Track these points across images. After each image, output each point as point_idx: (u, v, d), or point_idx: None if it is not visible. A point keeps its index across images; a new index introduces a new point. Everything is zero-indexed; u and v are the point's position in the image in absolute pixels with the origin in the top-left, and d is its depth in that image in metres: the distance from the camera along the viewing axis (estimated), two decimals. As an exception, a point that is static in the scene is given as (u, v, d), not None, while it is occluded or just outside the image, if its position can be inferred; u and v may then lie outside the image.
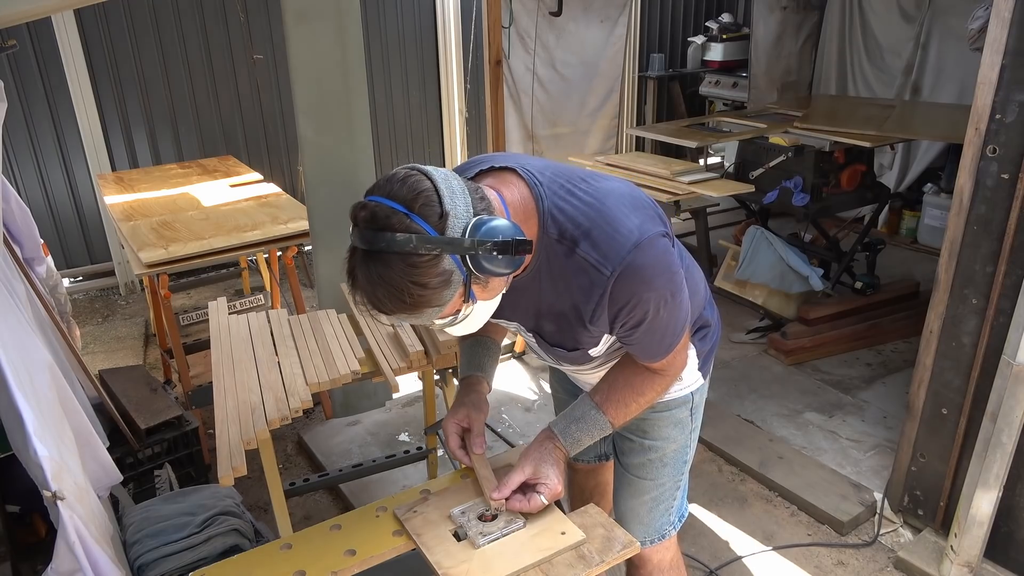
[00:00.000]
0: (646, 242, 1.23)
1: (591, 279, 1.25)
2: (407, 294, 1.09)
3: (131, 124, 4.80)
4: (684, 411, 1.64)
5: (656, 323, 1.31)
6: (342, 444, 3.20)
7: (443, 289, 1.12)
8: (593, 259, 1.23)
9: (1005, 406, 2.09)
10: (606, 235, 1.23)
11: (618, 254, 1.22)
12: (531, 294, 1.36)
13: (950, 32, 4.74)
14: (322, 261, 3.07)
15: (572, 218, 1.25)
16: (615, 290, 1.24)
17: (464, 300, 1.18)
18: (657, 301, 1.27)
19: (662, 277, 1.27)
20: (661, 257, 1.26)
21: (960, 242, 2.24)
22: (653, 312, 1.28)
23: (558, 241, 1.26)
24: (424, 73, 5.71)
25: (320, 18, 2.73)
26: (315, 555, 1.37)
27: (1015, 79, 2.03)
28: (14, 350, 1.68)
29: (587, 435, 1.45)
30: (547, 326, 1.41)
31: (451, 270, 1.11)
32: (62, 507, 1.54)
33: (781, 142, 3.87)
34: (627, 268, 1.22)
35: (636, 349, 1.40)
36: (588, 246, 1.24)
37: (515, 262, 1.16)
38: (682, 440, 1.66)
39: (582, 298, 1.28)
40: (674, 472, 1.68)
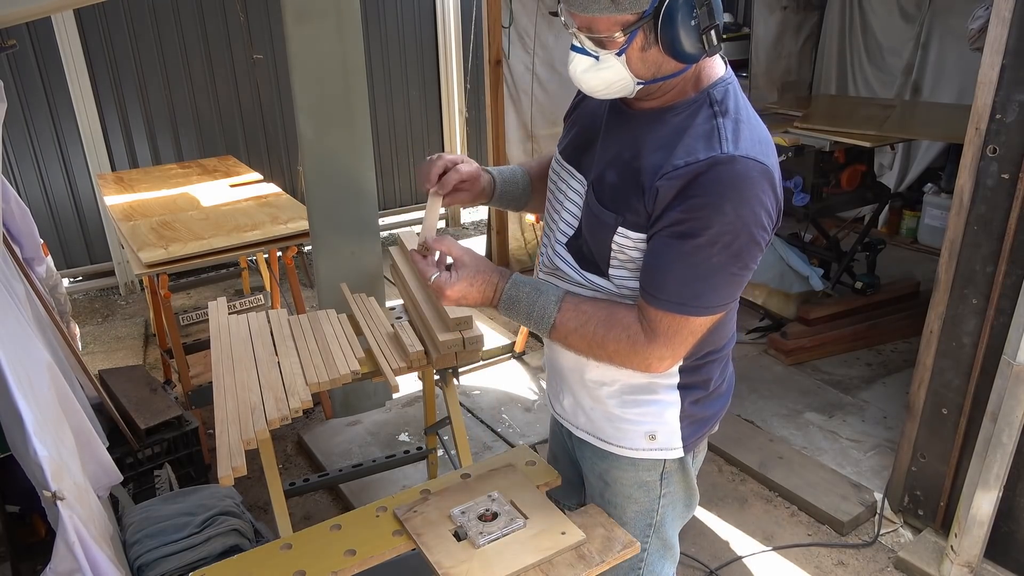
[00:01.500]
0: (769, 172, 1.16)
1: (706, 145, 1.15)
2: None
3: (131, 124, 4.80)
4: (652, 475, 1.45)
5: (702, 253, 1.15)
6: (342, 444, 3.20)
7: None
8: (724, 133, 1.15)
9: (1005, 406, 2.09)
10: (751, 136, 1.17)
11: (746, 149, 1.14)
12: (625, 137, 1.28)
13: (950, 32, 4.74)
14: (322, 261, 3.07)
15: (739, 107, 1.21)
16: (710, 173, 1.13)
17: (624, 32, 1.12)
18: (726, 229, 1.13)
19: (750, 214, 1.14)
20: (764, 196, 1.15)
21: (960, 242, 2.24)
22: (711, 236, 1.13)
23: (711, 104, 1.20)
24: (424, 73, 5.71)
25: (320, 18, 2.73)
26: (315, 555, 1.37)
27: (1015, 79, 2.03)
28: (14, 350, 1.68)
29: (526, 308, 1.29)
30: (610, 175, 1.28)
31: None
32: (62, 507, 1.53)
33: (781, 142, 3.86)
34: (739, 164, 1.13)
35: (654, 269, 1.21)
36: (731, 124, 1.17)
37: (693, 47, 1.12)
38: (646, 503, 1.47)
39: (681, 154, 1.16)
40: (635, 531, 1.48)
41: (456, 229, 6.17)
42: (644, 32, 1.12)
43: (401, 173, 5.89)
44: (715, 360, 1.40)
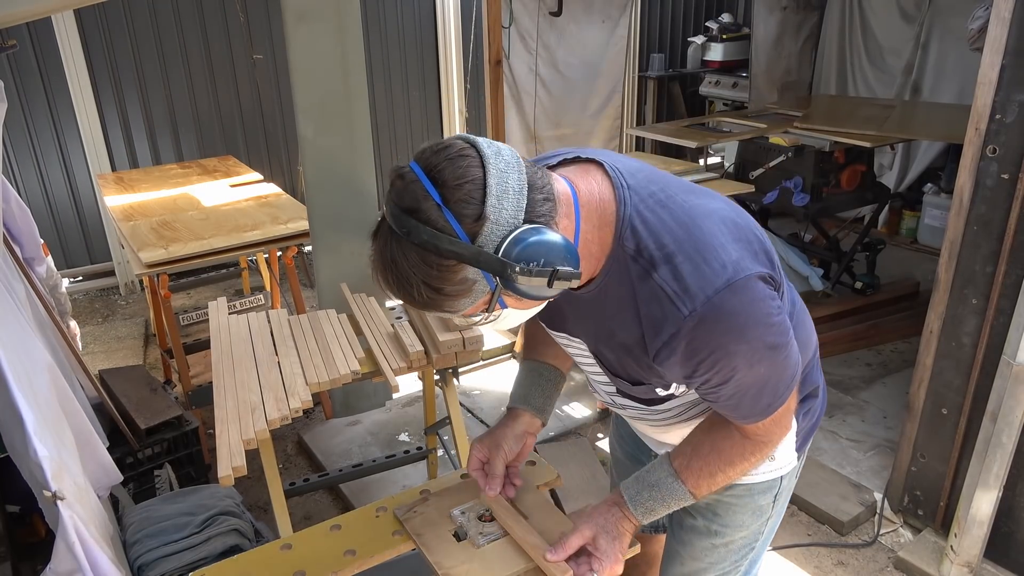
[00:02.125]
0: (740, 282, 1.01)
1: (663, 313, 1.03)
2: (416, 291, 0.96)
3: (131, 124, 4.80)
4: (767, 497, 1.39)
5: (748, 380, 1.07)
6: (342, 444, 3.20)
7: (460, 297, 0.97)
8: (671, 290, 1.01)
9: (1005, 406, 2.09)
10: (693, 264, 1.01)
11: (702, 291, 1.00)
12: (594, 311, 1.15)
13: (950, 32, 4.74)
14: (322, 261, 3.07)
15: (656, 234, 1.04)
16: (694, 337, 1.02)
17: (488, 309, 1.01)
18: (749, 356, 1.04)
19: (757, 328, 1.03)
20: (758, 303, 1.03)
21: (960, 242, 2.24)
22: (744, 368, 1.05)
23: (633, 258, 1.05)
24: (424, 73, 5.71)
25: (320, 18, 2.73)
26: (315, 555, 1.37)
27: (1015, 79, 2.03)
28: (14, 351, 1.68)
29: (662, 505, 1.22)
30: (608, 354, 1.20)
31: (474, 279, 0.96)
32: (62, 507, 1.54)
33: (781, 142, 3.87)
34: (711, 311, 1.00)
35: (724, 409, 1.16)
36: (668, 273, 1.02)
37: (556, 289, 0.99)
38: (755, 528, 1.42)
39: (650, 332, 1.06)
40: (736, 557, 1.45)
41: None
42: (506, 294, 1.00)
43: (401, 173, 5.88)
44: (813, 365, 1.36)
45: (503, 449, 1.36)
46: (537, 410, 1.40)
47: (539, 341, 1.45)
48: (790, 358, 1.11)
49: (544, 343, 1.44)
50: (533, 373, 1.44)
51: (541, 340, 1.44)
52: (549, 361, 1.44)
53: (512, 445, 1.37)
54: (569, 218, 1.03)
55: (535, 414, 1.40)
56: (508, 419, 1.40)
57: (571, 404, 3.44)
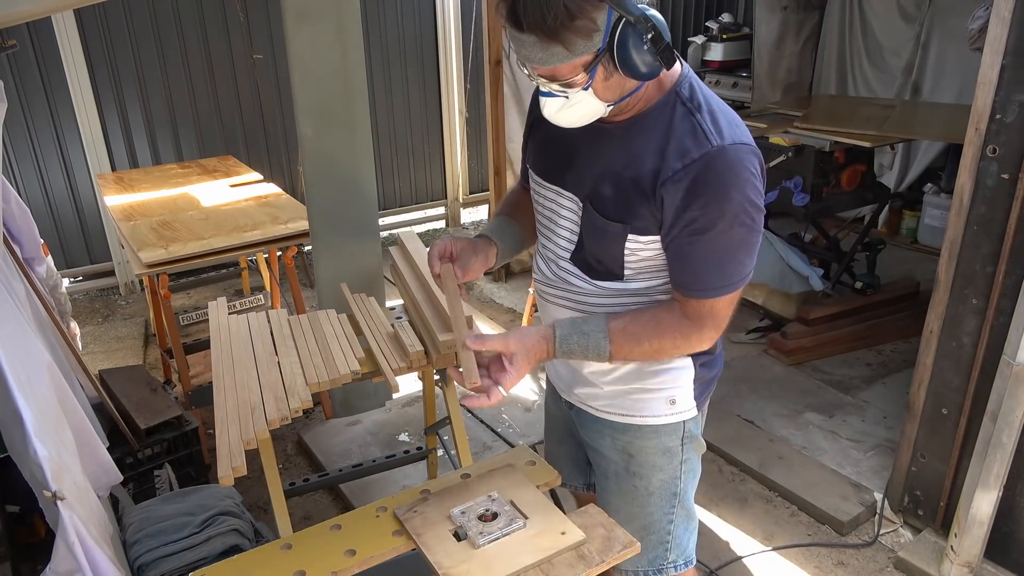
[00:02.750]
0: (757, 152, 1.25)
1: (695, 143, 1.23)
2: (553, 14, 1.09)
3: (131, 124, 4.80)
4: (674, 439, 1.53)
5: (722, 240, 1.25)
6: (342, 444, 3.20)
7: (583, 36, 1.12)
8: (707, 127, 1.23)
9: (1005, 406, 2.09)
10: (729, 122, 1.25)
11: (731, 137, 1.22)
12: (617, 143, 1.32)
13: (950, 32, 4.74)
14: (322, 261, 3.07)
15: (708, 97, 1.28)
16: (707, 169, 1.21)
17: (585, 70, 1.16)
18: (736, 211, 1.23)
19: (751, 188, 1.23)
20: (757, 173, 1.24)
21: (960, 242, 2.24)
22: (727, 222, 1.23)
23: (683, 102, 1.27)
24: (424, 73, 5.71)
25: (320, 18, 2.73)
26: (315, 555, 1.37)
27: (1015, 79, 2.03)
28: (13, 350, 1.68)
29: (582, 352, 1.36)
30: (607, 190, 1.34)
31: (600, 27, 1.13)
32: (62, 507, 1.53)
33: (781, 142, 3.87)
34: (730, 152, 1.21)
35: (684, 266, 1.31)
36: (708, 118, 1.25)
37: (652, 66, 1.17)
38: (670, 471, 1.55)
39: (673, 158, 1.24)
40: (662, 503, 1.57)
41: (456, 229, 6.17)
42: (603, 65, 1.18)
43: (401, 173, 5.89)
44: None
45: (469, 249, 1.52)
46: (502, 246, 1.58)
47: (515, 207, 1.66)
48: (755, 247, 1.29)
49: (522, 210, 1.63)
50: (508, 225, 1.63)
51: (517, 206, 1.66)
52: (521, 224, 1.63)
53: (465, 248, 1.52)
54: None
55: (499, 249, 1.58)
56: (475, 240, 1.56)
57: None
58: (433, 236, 6.00)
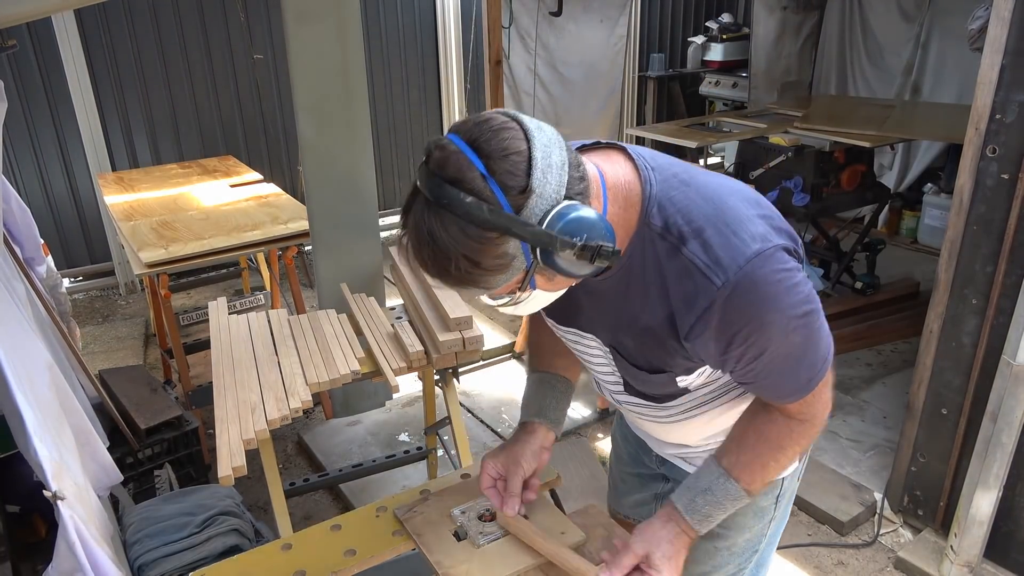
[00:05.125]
0: (769, 252, 1.01)
1: (696, 287, 1.02)
2: (455, 266, 0.92)
3: (131, 124, 4.81)
4: (768, 499, 1.37)
5: (785, 351, 1.06)
6: (342, 444, 3.20)
7: (497, 273, 0.94)
8: (702, 263, 1.01)
9: (1005, 406, 2.09)
10: (723, 237, 1.01)
11: (735, 261, 0.99)
12: (614, 297, 1.14)
13: (950, 32, 4.74)
14: (322, 261, 3.07)
15: (684, 211, 1.04)
16: (728, 308, 1.01)
17: (521, 288, 1.00)
18: (784, 325, 1.03)
19: (788, 296, 1.02)
20: (787, 273, 1.03)
21: (960, 242, 2.24)
22: (779, 339, 1.04)
23: (661, 236, 1.04)
24: (424, 73, 5.71)
25: (320, 18, 2.73)
26: (315, 555, 1.37)
27: (1015, 79, 2.03)
28: (14, 351, 1.68)
29: (719, 509, 1.18)
30: (628, 341, 1.17)
31: (514, 255, 0.93)
32: (62, 507, 1.54)
33: (781, 142, 3.87)
34: (744, 280, 0.99)
35: (763, 388, 1.14)
36: (698, 247, 1.02)
37: (594, 269, 0.98)
38: (757, 530, 1.40)
39: (682, 308, 1.05)
40: (740, 559, 1.43)
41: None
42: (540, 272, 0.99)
43: (401, 173, 5.88)
44: None
45: (522, 466, 1.31)
46: (552, 423, 1.37)
47: (546, 351, 1.43)
48: (823, 328, 1.09)
49: (552, 352, 1.41)
50: (545, 385, 1.40)
51: (548, 349, 1.42)
52: (560, 372, 1.41)
53: (530, 461, 1.33)
54: (598, 199, 1.02)
55: (550, 427, 1.37)
56: (523, 434, 1.36)
57: (572, 404, 3.44)
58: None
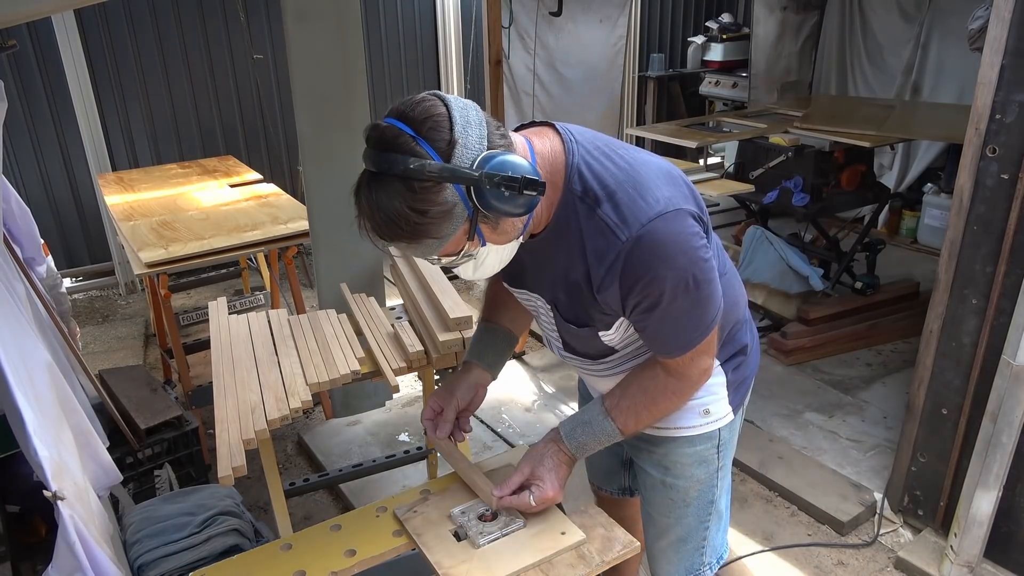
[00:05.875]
0: (671, 214, 1.16)
1: (607, 243, 1.18)
2: (404, 220, 1.06)
3: (131, 124, 4.81)
4: (710, 448, 1.52)
5: (672, 309, 1.21)
6: (342, 444, 3.20)
7: (443, 221, 1.07)
8: (612, 221, 1.17)
9: (1005, 406, 2.09)
10: (630, 199, 1.17)
11: (638, 220, 1.15)
12: (549, 257, 1.30)
13: (950, 32, 4.75)
14: (322, 261, 3.07)
15: (599, 177, 1.20)
16: (629, 260, 1.16)
17: (469, 238, 1.13)
18: (675, 282, 1.18)
19: (684, 256, 1.17)
20: (686, 235, 1.17)
21: (960, 242, 2.24)
22: (670, 295, 1.19)
23: (580, 199, 1.20)
24: (424, 73, 5.71)
25: (320, 18, 2.73)
26: (315, 555, 1.37)
27: (1015, 79, 2.03)
28: (14, 350, 1.68)
29: (594, 440, 1.38)
30: (562, 296, 1.34)
31: (454, 202, 1.07)
32: (62, 507, 1.53)
33: (781, 142, 3.87)
34: (645, 237, 1.15)
35: (649, 339, 1.31)
36: (610, 207, 1.17)
37: (526, 203, 1.10)
38: (706, 479, 1.54)
39: (595, 263, 1.21)
40: (699, 511, 1.57)
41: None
42: (483, 222, 1.12)
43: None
44: (741, 325, 1.52)
45: (455, 397, 1.52)
46: (488, 366, 1.57)
47: (498, 305, 1.61)
48: (712, 298, 1.24)
49: (502, 307, 1.60)
50: (489, 333, 1.60)
51: (500, 304, 1.61)
52: (504, 324, 1.60)
53: (464, 394, 1.53)
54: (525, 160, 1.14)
55: (486, 369, 1.56)
56: (462, 372, 1.56)
57: (569, 404, 3.44)
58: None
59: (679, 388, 1.35)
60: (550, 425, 2.89)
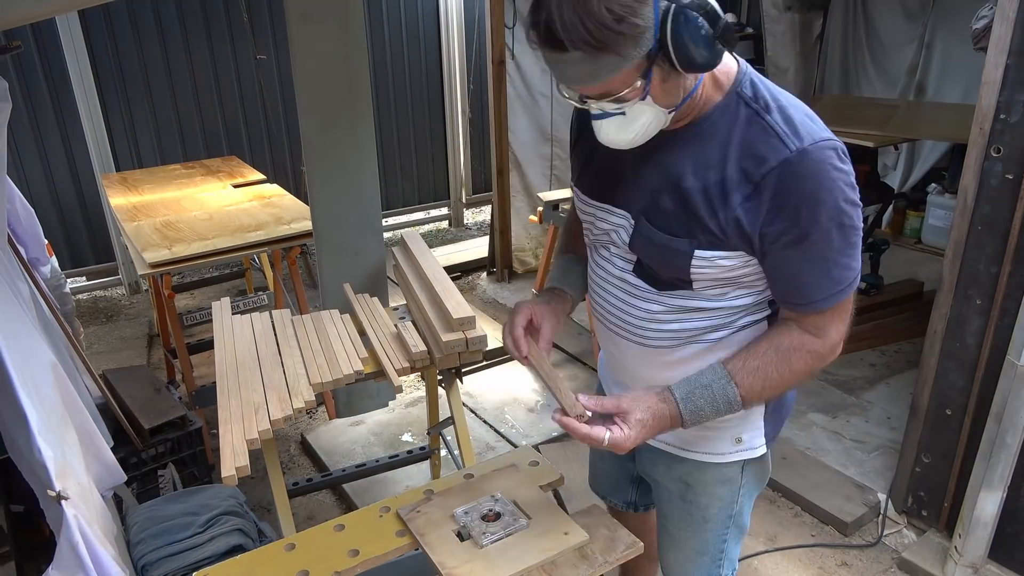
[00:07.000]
0: (841, 147, 1.12)
1: (769, 148, 1.11)
2: (596, 20, 0.97)
3: (135, 125, 4.82)
4: (735, 469, 1.46)
5: (823, 245, 1.13)
6: (345, 444, 3.20)
7: (631, 39, 1.00)
8: (781, 129, 1.11)
9: (1010, 407, 2.09)
10: (803, 117, 1.13)
11: (811, 135, 1.10)
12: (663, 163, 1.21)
13: (954, 32, 4.73)
14: (326, 261, 3.07)
15: (772, 92, 1.16)
16: (790, 172, 1.09)
17: (642, 76, 1.05)
18: (832, 215, 1.11)
19: (846, 191, 1.11)
20: (848, 174, 1.12)
21: (964, 242, 2.24)
22: (824, 227, 1.11)
23: (748, 104, 1.15)
24: (427, 73, 5.71)
25: (323, 19, 2.74)
26: (318, 555, 1.37)
27: (1019, 79, 2.03)
28: (18, 351, 1.69)
29: (710, 405, 1.23)
30: (664, 204, 1.21)
31: (650, 26, 1.00)
32: (66, 507, 1.54)
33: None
34: (814, 153, 1.09)
35: (787, 281, 1.20)
36: (780, 117, 1.12)
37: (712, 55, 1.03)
38: (728, 498, 1.48)
39: (746, 170, 1.12)
40: (718, 527, 1.51)
41: (459, 230, 6.17)
42: (659, 66, 1.05)
43: (405, 174, 5.89)
44: None
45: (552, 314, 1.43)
46: (573, 290, 1.51)
47: (577, 234, 1.54)
48: (856, 248, 1.17)
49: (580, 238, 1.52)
50: (571, 263, 1.55)
51: (578, 234, 1.52)
52: (583, 254, 1.53)
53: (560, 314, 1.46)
54: None
55: (571, 293, 1.51)
56: (547, 295, 1.48)
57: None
58: (436, 236, 6.01)
59: (816, 348, 1.23)
60: (553, 426, 2.90)
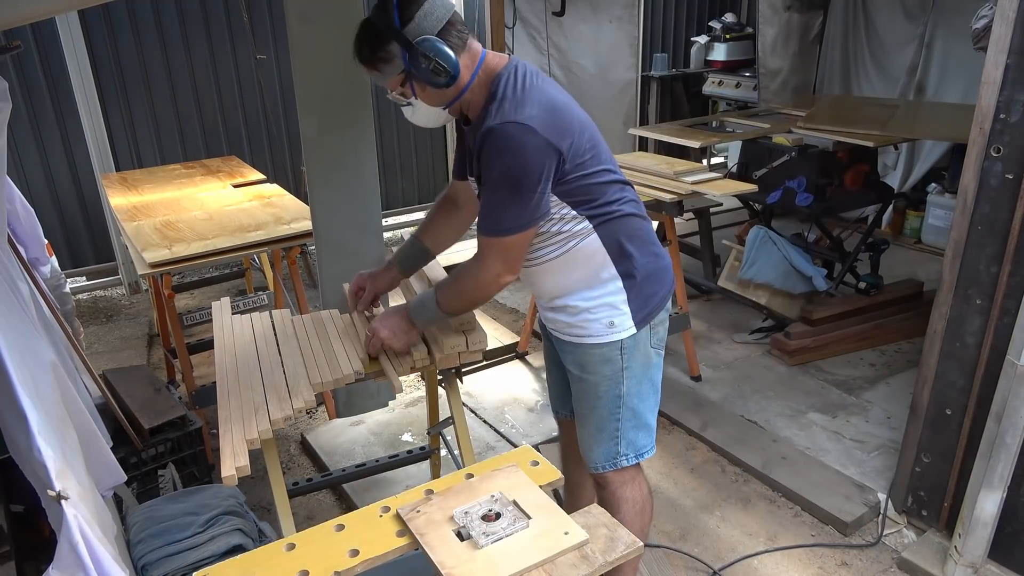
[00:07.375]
0: (520, 126, 1.54)
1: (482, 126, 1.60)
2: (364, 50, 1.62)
3: (135, 124, 4.82)
4: (614, 350, 1.83)
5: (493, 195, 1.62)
6: (345, 444, 3.20)
7: (386, 63, 1.61)
8: (492, 112, 1.59)
9: (1009, 406, 2.09)
10: (509, 106, 1.58)
11: (501, 117, 1.56)
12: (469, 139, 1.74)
13: (954, 31, 4.74)
14: (326, 261, 3.07)
15: (507, 90, 1.62)
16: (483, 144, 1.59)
17: (403, 85, 1.64)
18: (499, 176, 1.59)
19: (515, 159, 1.55)
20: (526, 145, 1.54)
21: (964, 242, 2.24)
22: (494, 183, 1.60)
23: (493, 97, 1.63)
24: (427, 73, 5.71)
25: (323, 18, 2.74)
26: (318, 555, 1.37)
27: (1020, 78, 2.03)
28: (18, 350, 1.69)
29: (422, 312, 1.84)
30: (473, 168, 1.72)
31: (397, 57, 1.59)
32: (66, 507, 1.54)
33: (785, 142, 3.86)
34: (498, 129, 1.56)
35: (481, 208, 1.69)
36: (497, 105, 1.60)
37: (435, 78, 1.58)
38: (612, 376, 1.85)
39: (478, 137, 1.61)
40: (609, 404, 1.87)
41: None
42: (415, 81, 1.63)
43: (404, 173, 5.89)
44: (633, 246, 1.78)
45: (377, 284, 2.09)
46: (405, 270, 2.12)
47: (427, 229, 2.08)
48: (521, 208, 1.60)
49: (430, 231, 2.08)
50: (413, 247, 2.09)
51: (429, 228, 2.08)
52: (426, 243, 2.07)
53: (383, 284, 2.09)
54: (469, 69, 1.66)
55: (402, 271, 2.11)
56: (385, 268, 2.10)
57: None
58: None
59: (475, 272, 1.71)
60: (553, 425, 2.90)
